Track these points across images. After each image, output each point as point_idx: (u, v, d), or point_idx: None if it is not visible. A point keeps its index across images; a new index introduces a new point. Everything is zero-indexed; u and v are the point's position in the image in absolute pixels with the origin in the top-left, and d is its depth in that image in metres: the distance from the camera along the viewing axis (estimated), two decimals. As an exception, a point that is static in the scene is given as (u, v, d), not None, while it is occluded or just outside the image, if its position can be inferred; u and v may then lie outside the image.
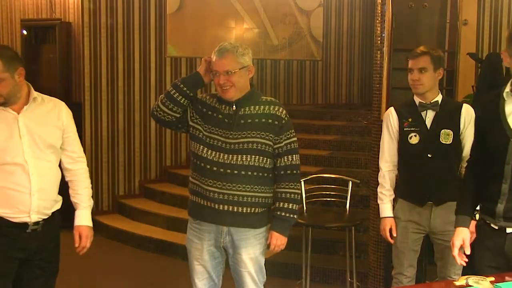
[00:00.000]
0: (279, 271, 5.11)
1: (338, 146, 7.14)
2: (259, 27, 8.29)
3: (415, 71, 3.58)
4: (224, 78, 3.11)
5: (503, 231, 2.76)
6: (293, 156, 3.20)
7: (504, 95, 2.74)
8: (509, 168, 2.71)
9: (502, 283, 1.98)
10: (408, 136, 3.62)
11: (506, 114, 2.72)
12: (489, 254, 2.81)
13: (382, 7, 4.49)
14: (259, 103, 3.19)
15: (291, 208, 3.20)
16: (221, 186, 3.12)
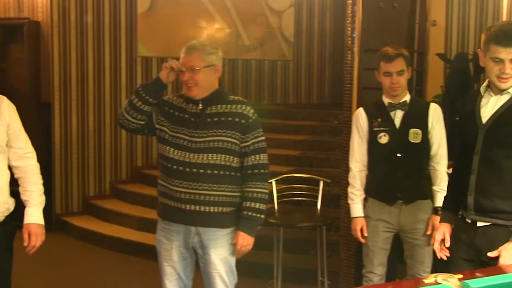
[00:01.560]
0: (250, 271, 5.09)
1: (310, 146, 7.16)
2: (231, 27, 8.28)
3: (393, 74, 3.59)
4: (188, 75, 3.10)
5: (475, 225, 2.82)
6: (261, 155, 3.18)
7: (482, 90, 2.87)
8: (477, 158, 2.79)
9: (470, 280, 2.00)
10: (378, 136, 3.65)
11: (480, 106, 2.83)
12: (463, 247, 2.88)
13: (352, 8, 4.52)
14: (227, 102, 3.18)
15: (259, 208, 3.18)
16: (188, 186, 3.10)
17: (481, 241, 2.79)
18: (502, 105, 2.78)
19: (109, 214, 6.84)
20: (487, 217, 2.78)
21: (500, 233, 2.75)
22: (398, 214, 3.65)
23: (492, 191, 2.77)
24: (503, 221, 2.74)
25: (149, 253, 5.69)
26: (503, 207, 2.74)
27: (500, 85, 2.75)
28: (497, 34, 2.69)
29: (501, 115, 2.77)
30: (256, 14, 8.47)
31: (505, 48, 2.66)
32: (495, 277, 2.07)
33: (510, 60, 2.68)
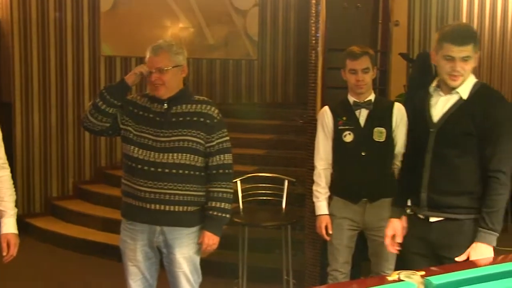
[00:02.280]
0: (215, 271, 5.09)
1: (275, 145, 7.18)
2: (195, 27, 8.24)
3: (359, 72, 3.63)
4: (156, 75, 3.10)
5: (428, 220, 2.91)
6: (225, 155, 3.21)
7: (431, 90, 2.95)
8: (429, 157, 2.88)
9: (432, 277, 2.03)
10: (343, 134, 3.68)
11: (430, 106, 2.92)
12: (416, 242, 2.98)
13: (316, 8, 4.54)
14: (191, 102, 3.20)
15: (224, 208, 3.21)
16: (153, 185, 3.11)
17: (435, 235, 2.89)
18: (452, 105, 2.87)
19: (73, 215, 6.75)
20: (440, 212, 2.88)
21: (453, 227, 2.85)
22: (362, 212, 3.68)
23: (444, 188, 2.86)
24: (456, 215, 2.84)
25: (114, 254, 5.65)
26: (456, 202, 2.84)
27: (451, 83, 2.83)
28: (450, 34, 2.79)
29: (451, 115, 2.86)
30: (221, 13, 8.45)
31: (457, 46, 2.75)
32: (456, 273, 2.10)
33: (461, 58, 2.77)
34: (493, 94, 2.93)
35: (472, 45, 2.77)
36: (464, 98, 2.84)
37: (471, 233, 2.81)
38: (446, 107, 2.87)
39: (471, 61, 2.79)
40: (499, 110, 2.81)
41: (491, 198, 2.76)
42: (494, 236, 2.76)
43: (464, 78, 2.82)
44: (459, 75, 2.80)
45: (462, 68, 2.78)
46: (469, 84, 2.86)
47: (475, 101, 2.83)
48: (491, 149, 2.77)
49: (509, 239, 6.33)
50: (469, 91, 2.85)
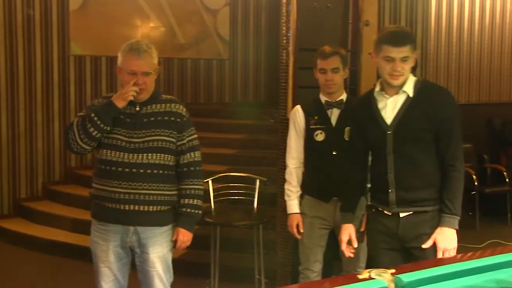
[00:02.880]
0: (187, 271, 5.08)
1: (246, 145, 7.17)
2: (166, 26, 8.20)
3: (328, 71, 3.66)
4: (142, 79, 3.10)
5: (397, 216, 3.01)
6: (196, 152, 3.26)
7: (375, 95, 3.05)
8: (391, 158, 2.98)
9: (402, 275, 2.06)
10: (314, 133, 3.70)
11: (380, 110, 3.01)
12: (383, 237, 3.07)
13: (287, 7, 4.55)
14: (160, 102, 3.22)
15: (196, 204, 3.26)
16: (128, 186, 3.11)
17: (403, 229, 2.99)
18: (401, 104, 2.97)
19: (42, 216, 6.67)
20: (409, 207, 2.99)
21: (421, 218, 2.98)
22: (333, 211, 3.70)
23: (411, 184, 2.97)
24: (424, 208, 2.97)
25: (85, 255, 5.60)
26: (423, 196, 2.97)
27: (392, 81, 2.95)
28: (389, 36, 2.94)
29: (404, 114, 2.96)
30: (191, 13, 8.42)
31: (396, 47, 2.89)
32: (426, 271, 2.13)
33: (400, 59, 2.90)
34: (438, 89, 3.11)
35: (409, 45, 2.92)
36: (411, 96, 2.97)
37: (436, 221, 2.95)
38: (397, 108, 2.98)
39: (409, 61, 2.94)
40: (447, 103, 2.99)
41: (451, 185, 2.92)
42: (456, 220, 2.92)
43: (405, 77, 2.95)
44: (399, 74, 2.92)
45: (402, 68, 2.91)
46: (412, 82, 3.00)
47: (423, 97, 2.96)
48: (446, 140, 2.93)
49: (477, 237, 6.46)
50: (413, 88, 2.98)
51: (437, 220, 2.96)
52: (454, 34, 7.76)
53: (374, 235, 3.15)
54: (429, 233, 2.96)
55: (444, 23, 7.62)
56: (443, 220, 2.91)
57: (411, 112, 2.95)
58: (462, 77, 7.92)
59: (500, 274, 2.18)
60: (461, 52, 7.86)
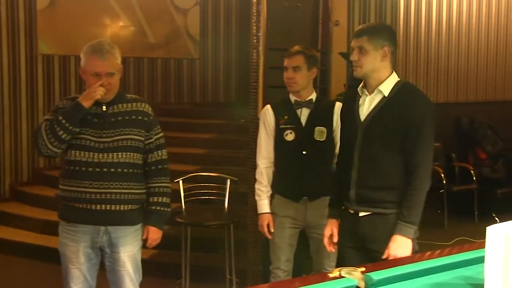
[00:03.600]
0: (158, 271, 5.05)
1: (217, 144, 7.16)
2: (135, 25, 8.14)
3: (289, 69, 3.68)
4: (107, 80, 3.09)
5: (357, 215, 3.01)
6: (163, 151, 3.28)
7: (358, 90, 3.05)
8: (357, 155, 2.99)
9: (372, 273, 2.07)
10: (284, 133, 3.71)
11: (359, 106, 3.02)
12: (348, 235, 3.08)
13: (257, 7, 4.56)
14: (126, 101, 3.23)
15: (165, 202, 3.29)
16: (98, 186, 3.11)
17: (364, 229, 2.99)
18: (376, 104, 2.98)
19: (10, 217, 6.57)
20: (368, 207, 2.98)
21: (380, 221, 2.96)
22: (303, 211, 3.72)
23: (372, 183, 2.96)
24: (383, 210, 2.95)
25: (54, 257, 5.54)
26: (383, 197, 2.95)
27: (354, 73, 2.99)
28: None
29: (376, 113, 2.96)
30: (161, 12, 8.37)
31: (354, 38, 2.96)
32: (395, 269, 2.15)
33: (357, 49, 2.93)
34: (414, 92, 3.05)
35: (366, 37, 2.92)
36: (386, 96, 2.96)
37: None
38: (372, 106, 2.99)
39: (369, 53, 2.92)
40: (419, 107, 2.94)
41: (410, 193, 2.88)
42: (411, 229, 2.87)
43: (364, 70, 2.94)
44: (357, 65, 2.95)
45: (359, 59, 2.93)
46: (391, 82, 2.98)
47: (397, 99, 2.95)
48: (412, 145, 2.89)
49: (445, 235, 6.54)
50: (390, 89, 2.97)
51: None
52: (423, 35, 7.85)
53: (341, 233, 3.16)
54: (388, 238, 2.90)
55: (412, 23, 7.71)
56: (397, 227, 2.87)
57: (383, 112, 2.95)
58: (430, 77, 8.02)
59: (468, 271, 2.21)
60: (429, 52, 7.96)
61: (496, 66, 8.66)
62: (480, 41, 8.42)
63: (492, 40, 8.55)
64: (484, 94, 8.58)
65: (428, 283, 2.12)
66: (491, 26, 8.49)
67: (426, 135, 2.91)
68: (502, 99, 8.71)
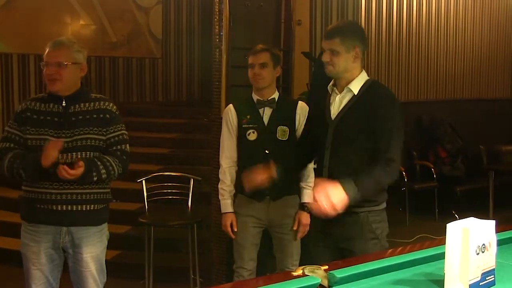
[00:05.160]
0: (121, 272, 5.01)
1: (180, 144, 7.13)
2: (96, 24, 8.06)
3: (256, 66, 3.68)
4: (54, 69, 3.06)
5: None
6: (125, 145, 3.21)
7: (329, 89, 3.07)
8: (328, 154, 2.99)
9: (335, 271, 2.09)
10: (246, 132, 3.71)
11: (330, 105, 3.03)
12: (318, 235, 3.09)
13: (219, 6, 4.55)
14: (89, 100, 3.19)
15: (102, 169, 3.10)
16: (59, 186, 3.08)
17: (335, 228, 2.98)
18: (346, 102, 2.99)
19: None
20: None
21: (351, 220, 2.95)
22: (266, 210, 3.72)
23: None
24: (353, 208, 2.89)
25: (14, 259, 5.44)
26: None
27: (326, 71, 3.01)
28: (327, 30, 3.06)
29: (346, 112, 2.98)
30: (123, 11, 8.31)
31: (325, 40, 2.98)
32: (358, 266, 2.17)
33: (329, 50, 2.94)
34: (382, 91, 3.06)
35: (338, 39, 2.93)
36: (355, 94, 2.97)
37: (367, 224, 2.96)
38: (342, 105, 2.99)
39: (341, 55, 2.93)
40: (388, 106, 2.95)
41: (376, 171, 2.82)
42: (354, 191, 2.74)
43: (336, 70, 2.96)
44: (327, 64, 2.96)
45: (331, 60, 2.94)
46: (360, 81, 3.00)
47: (366, 98, 2.96)
48: (383, 142, 2.87)
49: (406, 232, 6.63)
50: (359, 87, 2.98)
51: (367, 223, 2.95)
52: (384, 34, 7.94)
53: (311, 232, 3.17)
54: (360, 237, 2.95)
55: (374, 22, 7.79)
56: (345, 181, 2.75)
57: (353, 111, 2.96)
58: (392, 76, 8.12)
59: (429, 268, 2.24)
60: (390, 51, 8.05)
61: (455, 65, 8.81)
62: (440, 40, 8.56)
63: (451, 39, 8.70)
64: (444, 93, 8.72)
65: (390, 280, 2.14)
66: (450, 25, 8.64)
67: (396, 134, 2.91)
68: (461, 97, 8.87)
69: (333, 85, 3.06)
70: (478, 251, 1.94)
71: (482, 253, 1.95)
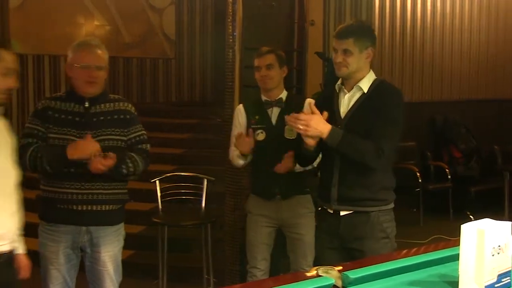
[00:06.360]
0: (135, 272, 5.02)
1: (193, 144, 7.14)
2: (110, 24, 8.09)
3: (263, 68, 3.70)
4: (95, 72, 3.10)
5: (338, 214, 3.01)
6: (146, 144, 3.27)
7: (336, 88, 3.07)
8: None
9: (349, 271, 2.08)
10: (255, 133, 3.71)
11: (339, 104, 3.04)
12: (326, 236, 3.09)
13: (233, 6, 4.56)
14: (109, 101, 3.23)
15: (129, 164, 3.15)
16: (80, 186, 3.11)
17: (344, 228, 3.00)
18: (355, 101, 3.00)
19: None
20: (350, 205, 2.99)
21: (361, 219, 2.98)
22: (278, 209, 3.72)
23: (353, 182, 2.97)
24: (364, 208, 2.96)
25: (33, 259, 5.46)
26: (364, 195, 2.96)
27: (336, 71, 3.00)
28: (337, 30, 3.04)
29: (355, 111, 2.99)
30: (136, 11, 8.34)
31: (337, 40, 2.97)
32: (372, 267, 2.16)
33: (342, 51, 2.95)
34: (391, 89, 3.10)
35: (352, 39, 2.94)
36: (365, 92, 2.98)
37: (377, 223, 2.97)
38: (351, 104, 3.01)
39: (354, 55, 2.94)
40: (393, 103, 2.98)
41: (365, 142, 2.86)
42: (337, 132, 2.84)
43: (349, 70, 2.96)
44: (341, 65, 2.96)
45: (344, 60, 2.94)
46: (369, 80, 3.02)
47: (376, 96, 2.98)
48: (378, 133, 2.87)
49: (421, 233, 6.59)
50: (369, 86, 3.00)
51: (378, 223, 2.97)
52: (397, 34, 7.91)
53: (318, 233, 3.19)
54: (371, 236, 2.96)
55: (387, 23, 7.76)
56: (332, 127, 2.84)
57: (362, 109, 2.97)
58: (405, 76, 8.08)
59: (443, 269, 2.23)
60: (404, 51, 8.02)
61: (470, 65, 8.76)
62: (454, 40, 8.50)
63: (465, 39, 8.64)
64: (458, 93, 8.66)
65: (404, 281, 2.13)
66: (465, 25, 8.58)
67: (392, 129, 2.93)
68: (475, 98, 8.81)
69: (340, 84, 3.06)
70: (493, 252, 1.92)
71: (497, 254, 1.94)
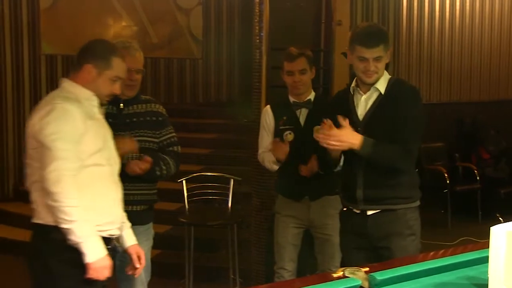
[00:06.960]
0: (162, 271, 5.04)
1: (220, 144, 7.16)
2: (138, 25, 8.15)
3: (296, 73, 3.67)
4: (135, 75, 3.16)
5: (365, 214, 3.02)
6: (177, 146, 3.34)
7: (351, 90, 3.07)
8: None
9: (376, 273, 2.07)
10: (284, 134, 3.71)
11: (354, 106, 3.04)
12: (352, 237, 3.10)
13: (260, 7, 4.56)
14: (140, 102, 3.27)
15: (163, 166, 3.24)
16: None
17: (371, 227, 3.00)
18: (373, 102, 3.00)
19: (13, 217, 6.55)
20: (377, 205, 2.99)
21: (389, 217, 2.98)
22: (307, 210, 3.71)
23: (379, 182, 2.97)
24: (392, 206, 2.97)
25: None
26: (391, 194, 2.98)
27: (366, 79, 2.98)
28: (362, 37, 2.95)
29: (374, 111, 2.99)
30: (164, 12, 8.38)
31: (368, 49, 2.92)
32: (399, 269, 2.15)
33: (373, 59, 2.93)
34: (407, 87, 3.11)
35: (382, 45, 2.94)
36: (383, 93, 2.99)
37: (405, 220, 2.98)
38: (369, 105, 3.01)
39: (383, 59, 2.96)
40: (412, 101, 2.99)
41: (393, 147, 2.90)
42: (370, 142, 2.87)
43: (379, 75, 2.98)
44: (373, 73, 2.96)
45: (375, 67, 2.95)
46: (385, 80, 3.02)
47: (393, 95, 2.98)
48: (403, 134, 2.91)
49: (448, 234, 6.53)
50: (385, 86, 3.00)
51: (405, 220, 2.98)
52: (426, 34, 7.84)
53: (344, 234, 3.18)
54: (399, 232, 2.97)
55: (415, 23, 7.70)
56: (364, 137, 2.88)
57: (381, 110, 2.97)
58: (433, 76, 8.01)
59: (472, 271, 2.21)
60: (432, 51, 7.95)
61: (499, 65, 8.65)
62: (483, 40, 8.41)
63: (495, 39, 8.53)
64: (487, 94, 8.57)
65: (432, 283, 2.12)
66: (494, 25, 8.48)
67: (414, 124, 2.95)
68: (504, 98, 8.70)
69: (356, 85, 3.06)
70: (523, 255, 1.90)
71: (527, 257, 1.91)
